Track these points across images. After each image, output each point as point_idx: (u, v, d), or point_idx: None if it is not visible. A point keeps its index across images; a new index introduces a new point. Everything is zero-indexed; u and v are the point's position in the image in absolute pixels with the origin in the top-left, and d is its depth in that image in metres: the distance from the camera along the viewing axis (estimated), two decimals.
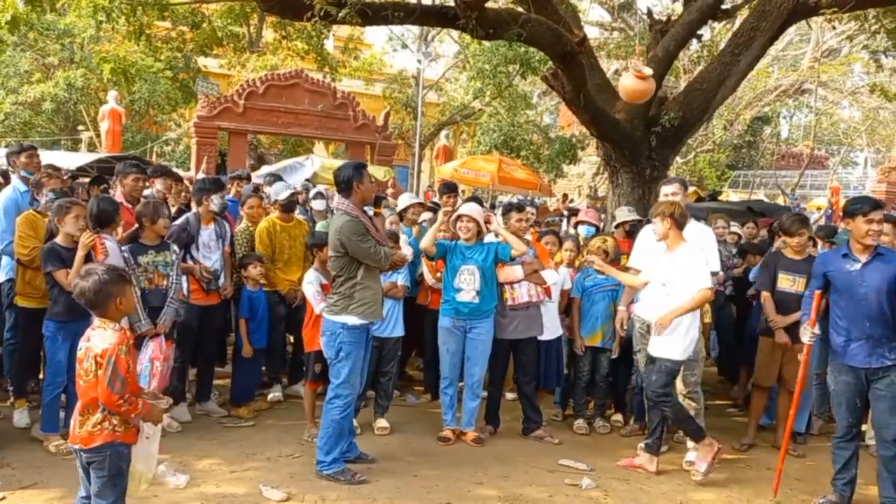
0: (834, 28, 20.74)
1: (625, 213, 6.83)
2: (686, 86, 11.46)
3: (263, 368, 6.20)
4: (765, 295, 5.59)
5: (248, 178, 9.48)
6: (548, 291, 5.56)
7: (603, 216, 9.02)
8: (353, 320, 4.52)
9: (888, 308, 4.28)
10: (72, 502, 3.85)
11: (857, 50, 20.87)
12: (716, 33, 17.40)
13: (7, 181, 6.40)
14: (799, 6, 9.07)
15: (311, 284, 5.20)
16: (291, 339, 6.65)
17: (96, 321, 3.06)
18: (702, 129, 21.74)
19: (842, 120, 37.25)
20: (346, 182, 4.56)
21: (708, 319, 6.22)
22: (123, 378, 2.94)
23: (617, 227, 6.76)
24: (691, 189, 7.71)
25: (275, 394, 6.15)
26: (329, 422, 4.55)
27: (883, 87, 18.69)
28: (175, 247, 5.20)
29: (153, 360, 4.18)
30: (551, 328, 5.74)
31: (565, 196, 19.74)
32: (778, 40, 21.34)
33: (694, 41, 10.94)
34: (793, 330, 5.26)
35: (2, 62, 18.08)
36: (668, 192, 5.49)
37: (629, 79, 6.71)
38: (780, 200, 19.54)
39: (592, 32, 20.93)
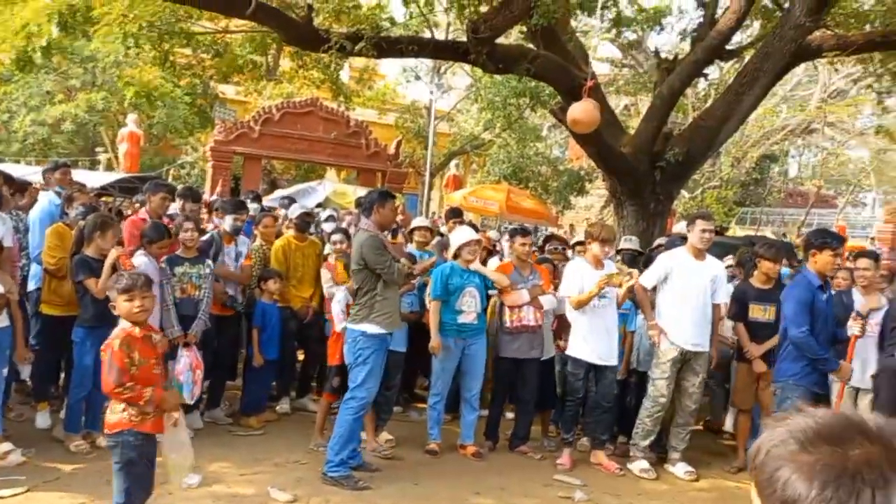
0: (837, 70, 21.10)
1: (622, 242, 7.11)
2: (691, 122, 11.74)
3: (274, 383, 6.44)
4: (738, 326, 5.81)
5: (259, 199, 9.81)
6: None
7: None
8: (372, 328, 4.83)
9: None
10: (89, 497, 4.10)
11: (863, 92, 21.18)
12: (724, 72, 17.73)
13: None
14: (802, 48, 9.39)
15: (338, 303, 5.49)
16: (301, 354, 6.88)
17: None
18: (709, 166, 22.06)
19: (849, 160, 37.52)
20: (368, 204, 5.02)
21: None
22: (119, 368, 3.20)
23: (618, 252, 6.99)
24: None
25: (283, 406, 6.37)
26: (342, 421, 4.82)
27: (888, 130, 18.99)
28: (209, 261, 5.53)
29: (195, 369, 4.51)
30: (546, 349, 5.93)
31: (572, 227, 19.99)
32: (787, 81, 21.80)
33: (701, 79, 11.27)
34: (767, 356, 5.61)
35: (26, 83, 18.64)
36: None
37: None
38: (788, 238, 19.69)
39: (602, 69, 21.32)
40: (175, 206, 6.72)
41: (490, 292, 5.93)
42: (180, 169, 22.17)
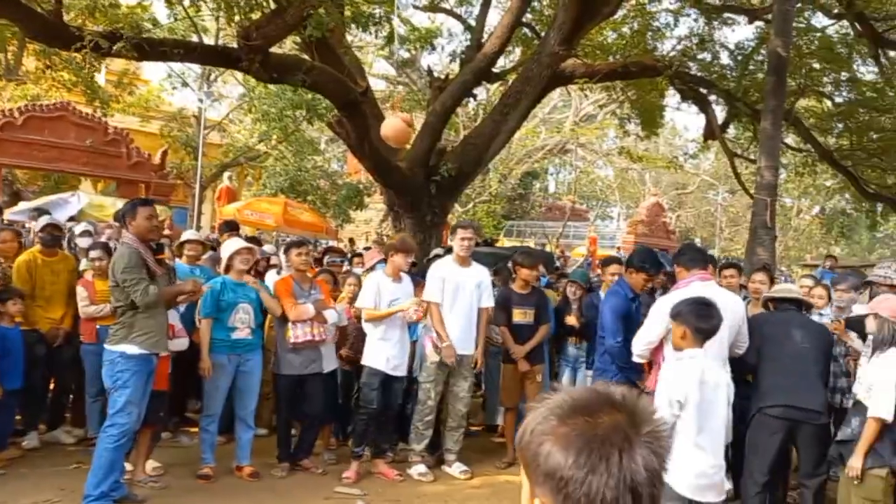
0: (587, 96, 23.43)
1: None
2: (462, 139, 12.35)
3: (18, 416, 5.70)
4: (503, 329, 6.16)
5: (0, 211, 8.76)
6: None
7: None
8: (132, 349, 4.47)
9: None
10: None
11: (608, 116, 23.68)
12: (491, 93, 18.85)
13: None
14: (557, 75, 10.29)
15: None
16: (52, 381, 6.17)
17: None
18: (479, 181, 23.32)
19: (598, 178, 41.80)
20: (122, 216, 4.73)
21: None
22: None
23: None
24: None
25: (30, 441, 5.66)
26: (102, 450, 4.40)
27: (629, 150, 21.37)
28: None
29: None
30: (329, 361, 5.87)
31: (351, 241, 20.07)
32: (544, 104, 23.74)
33: (470, 99, 11.90)
34: (529, 355, 6.05)
35: None
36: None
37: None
38: (548, 248, 21.35)
39: (379, 85, 21.73)
40: None
41: None
42: None
